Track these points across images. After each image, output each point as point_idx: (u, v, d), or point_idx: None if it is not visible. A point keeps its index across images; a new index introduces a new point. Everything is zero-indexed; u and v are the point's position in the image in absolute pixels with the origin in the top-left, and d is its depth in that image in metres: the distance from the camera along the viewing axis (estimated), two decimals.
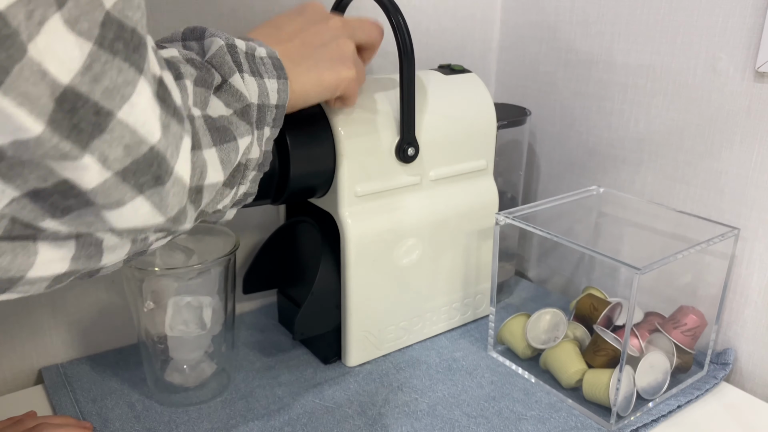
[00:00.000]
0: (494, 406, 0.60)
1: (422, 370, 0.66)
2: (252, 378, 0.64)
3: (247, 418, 0.58)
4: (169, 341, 0.59)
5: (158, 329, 0.58)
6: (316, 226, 0.64)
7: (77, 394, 0.61)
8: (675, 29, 0.67)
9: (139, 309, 0.58)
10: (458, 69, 0.70)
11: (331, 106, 0.58)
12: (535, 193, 0.88)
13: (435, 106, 0.65)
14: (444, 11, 0.82)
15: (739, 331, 0.67)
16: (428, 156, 0.65)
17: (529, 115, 0.78)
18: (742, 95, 0.63)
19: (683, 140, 0.69)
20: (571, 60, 0.79)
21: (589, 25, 0.76)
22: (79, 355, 0.68)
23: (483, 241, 0.72)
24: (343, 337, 0.65)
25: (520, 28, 0.85)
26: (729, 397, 0.63)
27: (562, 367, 0.62)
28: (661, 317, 0.66)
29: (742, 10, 0.61)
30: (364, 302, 0.64)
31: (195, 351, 0.60)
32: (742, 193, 0.64)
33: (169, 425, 0.57)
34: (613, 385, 0.57)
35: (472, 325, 0.75)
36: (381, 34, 0.57)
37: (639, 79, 0.71)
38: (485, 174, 0.71)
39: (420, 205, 0.65)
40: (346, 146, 0.58)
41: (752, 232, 0.64)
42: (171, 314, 0.56)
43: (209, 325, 0.58)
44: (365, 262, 0.62)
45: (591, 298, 0.67)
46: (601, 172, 0.78)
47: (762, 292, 0.64)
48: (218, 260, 0.56)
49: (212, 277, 0.57)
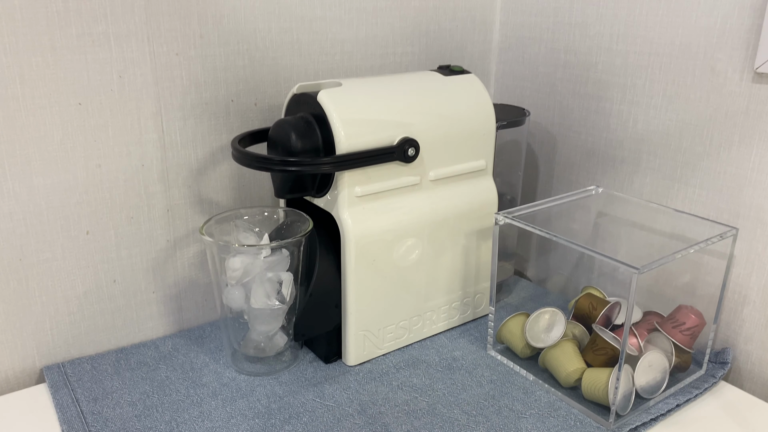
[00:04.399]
0: (493, 404, 0.60)
1: (422, 369, 0.66)
2: (253, 376, 0.64)
3: (247, 416, 0.58)
4: (249, 314, 0.63)
5: (238, 303, 0.62)
6: (313, 225, 0.64)
7: (78, 393, 0.61)
8: (673, 30, 0.67)
9: (221, 284, 0.62)
10: (458, 70, 0.71)
11: None
12: (534, 193, 0.88)
13: (434, 106, 0.65)
14: (444, 12, 0.83)
15: (737, 330, 0.67)
16: (428, 156, 0.65)
17: (528, 116, 0.79)
18: (741, 96, 0.63)
19: (682, 140, 0.69)
20: (570, 61, 0.79)
21: (588, 26, 0.76)
22: (81, 354, 0.68)
23: (482, 241, 0.72)
24: (343, 336, 0.66)
25: (519, 29, 0.86)
26: (727, 396, 0.63)
27: (561, 366, 0.62)
28: (659, 316, 0.66)
29: (741, 11, 0.61)
30: (364, 302, 0.64)
31: (273, 323, 0.63)
32: (740, 193, 0.65)
33: (169, 425, 0.57)
34: (612, 384, 0.57)
35: (472, 324, 0.75)
36: None
37: (638, 79, 0.72)
38: (485, 174, 0.71)
39: (420, 205, 0.66)
40: (346, 146, 0.59)
41: (751, 231, 0.64)
42: (254, 288, 0.61)
43: (288, 299, 0.62)
44: (365, 262, 0.63)
45: (590, 297, 0.67)
46: (600, 172, 0.78)
47: (760, 292, 0.65)
48: (293, 240, 0.61)
49: (285, 256, 0.62)
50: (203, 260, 0.73)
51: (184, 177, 0.69)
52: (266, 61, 0.70)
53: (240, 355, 0.66)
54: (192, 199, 0.70)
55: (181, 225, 0.70)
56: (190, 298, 0.73)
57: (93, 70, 0.61)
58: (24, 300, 0.64)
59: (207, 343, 0.70)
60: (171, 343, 0.70)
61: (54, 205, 0.63)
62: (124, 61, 0.62)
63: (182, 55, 0.65)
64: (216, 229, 0.64)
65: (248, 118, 0.71)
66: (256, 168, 0.59)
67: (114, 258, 0.67)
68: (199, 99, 0.67)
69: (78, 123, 0.62)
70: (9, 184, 0.60)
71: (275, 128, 0.61)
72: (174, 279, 0.72)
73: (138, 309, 0.70)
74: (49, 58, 0.59)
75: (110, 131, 0.64)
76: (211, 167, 0.70)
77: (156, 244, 0.69)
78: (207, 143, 0.69)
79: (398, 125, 0.62)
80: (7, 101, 0.58)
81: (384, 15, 0.77)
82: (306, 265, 0.64)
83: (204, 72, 0.67)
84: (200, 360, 0.67)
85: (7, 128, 0.59)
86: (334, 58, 0.75)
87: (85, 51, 0.60)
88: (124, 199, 0.66)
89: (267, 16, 0.69)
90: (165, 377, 0.64)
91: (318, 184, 0.62)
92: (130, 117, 0.64)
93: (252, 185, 0.74)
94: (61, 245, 0.64)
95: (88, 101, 0.62)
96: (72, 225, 0.64)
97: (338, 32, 0.74)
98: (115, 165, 0.65)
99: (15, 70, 0.58)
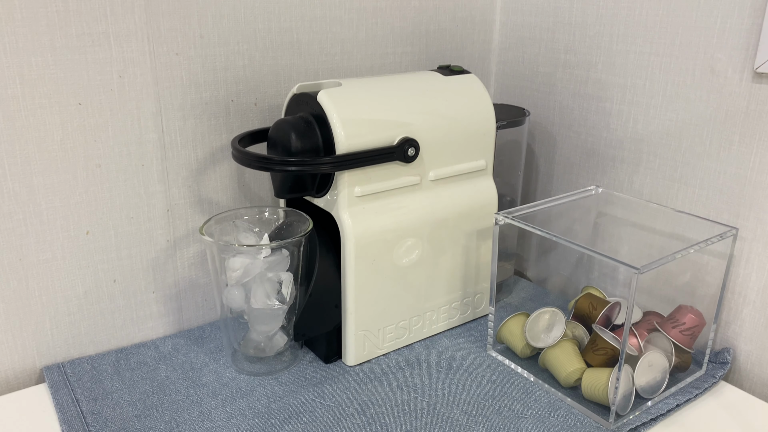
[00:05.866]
0: (493, 404, 0.60)
1: (422, 369, 0.66)
2: (253, 376, 0.64)
3: (247, 416, 0.58)
4: (249, 314, 0.63)
5: (238, 303, 0.62)
6: (313, 225, 0.64)
7: (78, 393, 0.61)
8: (673, 30, 0.67)
9: (221, 284, 0.62)
10: (458, 70, 0.71)
11: None
12: (534, 193, 0.88)
13: (435, 106, 0.65)
14: (444, 12, 0.83)
15: (737, 330, 0.67)
16: (428, 156, 0.65)
17: (528, 116, 0.79)
18: (741, 96, 0.63)
19: (682, 140, 0.69)
20: (570, 61, 0.79)
21: (588, 26, 0.76)
22: (81, 354, 0.68)
23: (482, 241, 0.72)
24: (343, 336, 0.66)
25: (519, 29, 0.86)
26: (727, 396, 0.63)
27: (561, 366, 0.62)
28: (659, 316, 0.66)
29: (741, 11, 0.62)
30: (363, 302, 0.64)
31: (272, 323, 0.63)
32: (740, 193, 0.65)
33: (169, 425, 0.57)
34: (612, 384, 0.57)
35: (472, 324, 0.75)
36: None
37: (637, 79, 0.72)
38: (484, 174, 0.71)
39: (420, 205, 0.66)
40: (346, 146, 0.59)
41: (750, 231, 0.64)
42: (254, 288, 0.61)
43: (288, 299, 0.62)
44: (365, 262, 0.63)
45: (590, 297, 0.67)
46: (600, 172, 0.78)
47: (760, 292, 0.65)
48: (293, 240, 0.61)
49: (284, 256, 0.62)
50: (203, 260, 0.73)
51: (184, 177, 0.69)
52: (266, 61, 0.70)
53: (240, 355, 0.66)
54: (192, 199, 0.70)
55: (181, 225, 0.70)
56: (190, 298, 0.73)
57: (93, 70, 0.61)
58: (24, 300, 0.64)
59: (207, 343, 0.70)
60: (171, 343, 0.70)
61: (54, 205, 0.63)
62: (124, 61, 0.62)
63: (182, 55, 0.65)
64: (216, 229, 0.64)
65: (248, 118, 0.71)
66: (256, 168, 0.59)
67: (114, 258, 0.67)
68: (199, 99, 0.67)
69: (78, 123, 0.62)
70: (9, 184, 0.60)
71: (275, 128, 0.61)
72: (174, 279, 0.72)
73: (138, 309, 0.70)
74: (49, 58, 0.59)
75: (110, 131, 0.64)
76: (211, 167, 0.70)
77: (156, 244, 0.69)
78: (207, 143, 0.69)
79: (398, 125, 0.62)
80: (7, 101, 0.58)
81: (384, 15, 0.77)
82: (306, 265, 0.64)
83: (204, 72, 0.67)
84: (200, 360, 0.67)
85: (7, 128, 0.59)
86: (334, 58, 0.75)
87: (85, 51, 0.60)
88: (124, 199, 0.66)
89: (267, 16, 0.69)
90: (165, 377, 0.64)
91: (318, 184, 0.62)
92: (130, 117, 0.64)
93: (252, 185, 0.74)
94: (61, 245, 0.64)
95: (88, 101, 0.62)
96: (72, 225, 0.64)
97: (338, 32, 0.74)
98: (115, 165, 0.65)
99: (15, 70, 0.58)
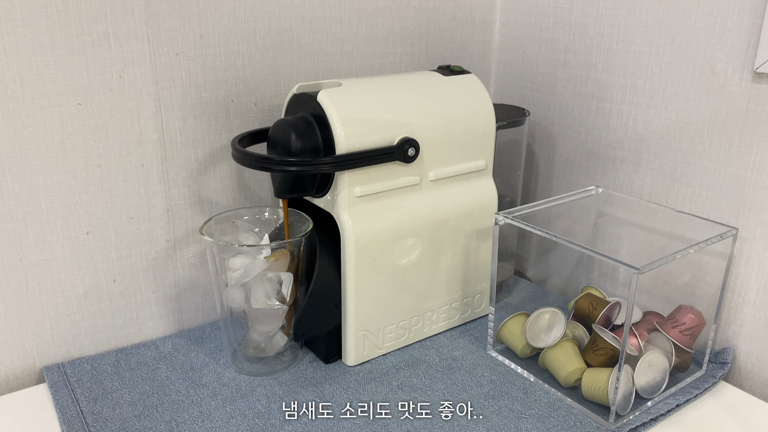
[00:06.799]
0: (493, 404, 0.60)
1: (422, 369, 0.66)
2: (253, 376, 0.64)
3: (247, 416, 0.58)
4: (249, 314, 0.63)
5: (238, 303, 0.62)
6: (313, 225, 0.64)
7: (78, 393, 0.61)
8: (673, 30, 0.67)
9: (221, 284, 0.62)
10: (457, 70, 0.71)
11: None
12: (534, 193, 0.88)
13: (434, 106, 0.65)
14: (443, 12, 0.83)
15: (737, 330, 0.67)
16: (428, 156, 0.65)
17: (528, 116, 0.79)
18: (741, 96, 0.63)
19: (682, 140, 0.69)
20: (570, 61, 0.79)
21: (588, 26, 0.76)
22: (81, 354, 0.68)
23: (482, 241, 0.72)
24: (343, 336, 0.66)
25: (519, 30, 0.86)
26: (727, 396, 0.63)
27: (561, 366, 0.62)
28: (659, 316, 0.66)
29: (741, 11, 0.62)
30: (363, 302, 0.64)
31: (273, 323, 0.63)
32: (740, 193, 0.65)
33: (169, 425, 0.57)
34: (612, 384, 0.57)
35: (472, 324, 0.75)
36: None
37: (637, 79, 0.72)
38: (484, 174, 0.71)
39: (420, 206, 0.66)
40: (346, 146, 0.59)
41: (750, 231, 0.64)
42: (254, 289, 0.61)
43: (288, 299, 0.62)
44: (365, 262, 0.63)
45: (590, 297, 0.67)
46: (600, 172, 0.78)
47: (760, 292, 0.65)
48: (293, 240, 0.62)
49: (286, 256, 0.62)
50: (203, 260, 0.73)
51: (184, 177, 0.69)
52: (266, 61, 0.70)
53: (240, 355, 0.66)
54: (192, 199, 0.70)
55: (181, 225, 0.70)
56: (190, 298, 0.73)
57: (93, 70, 0.61)
58: (24, 300, 0.64)
59: (207, 343, 0.70)
60: (171, 344, 0.70)
61: (54, 205, 0.63)
62: (124, 61, 0.62)
63: (182, 55, 0.65)
64: (216, 229, 0.64)
65: (248, 118, 0.71)
66: (256, 168, 0.59)
67: (114, 258, 0.67)
68: (199, 99, 0.67)
69: (78, 123, 0.62)
70: (9, 184, 0.60)
71: (275, 128, 0.61)
72: (174, 279, 0.72)
73: (138, 309, 0.70)
74: (49, 58, 0.59)
75: (110, 131, 0.64)
76: (211, 167, 0.70)
77: (156, 244, 0.69)
78: (207, 143, 0.69)
79: (398, 125, 0.62)
80: (7, 101, 0.58)
81: (384, 15, 0.77)
82: (306, 265, 0.64)
83: (204, 72, 0.67)
84: (200, 360, 0.67)
85: (7, 128, 0.59)
86: (334, 58, 0.75)
87: (85, 51, 0.60)
88: (123, 199, 0.66)
89: (267, 16, 0.69)
90: (165, 377, 0.64)
91: (318, 184, 0.62)
92: (130, 117, 0.64)
93: (252, 185, 0.74)
94: (61, 245, 0.64)
95: (87, 101, 0.62)
96: (72, 225, 0.64)
97: (338, 32, 0.74)
98: (115, 165, 0.65)
99: (15, 70, 0.58)
